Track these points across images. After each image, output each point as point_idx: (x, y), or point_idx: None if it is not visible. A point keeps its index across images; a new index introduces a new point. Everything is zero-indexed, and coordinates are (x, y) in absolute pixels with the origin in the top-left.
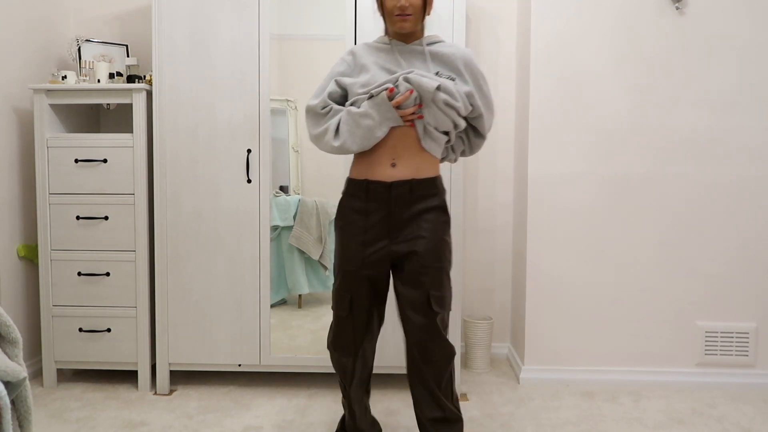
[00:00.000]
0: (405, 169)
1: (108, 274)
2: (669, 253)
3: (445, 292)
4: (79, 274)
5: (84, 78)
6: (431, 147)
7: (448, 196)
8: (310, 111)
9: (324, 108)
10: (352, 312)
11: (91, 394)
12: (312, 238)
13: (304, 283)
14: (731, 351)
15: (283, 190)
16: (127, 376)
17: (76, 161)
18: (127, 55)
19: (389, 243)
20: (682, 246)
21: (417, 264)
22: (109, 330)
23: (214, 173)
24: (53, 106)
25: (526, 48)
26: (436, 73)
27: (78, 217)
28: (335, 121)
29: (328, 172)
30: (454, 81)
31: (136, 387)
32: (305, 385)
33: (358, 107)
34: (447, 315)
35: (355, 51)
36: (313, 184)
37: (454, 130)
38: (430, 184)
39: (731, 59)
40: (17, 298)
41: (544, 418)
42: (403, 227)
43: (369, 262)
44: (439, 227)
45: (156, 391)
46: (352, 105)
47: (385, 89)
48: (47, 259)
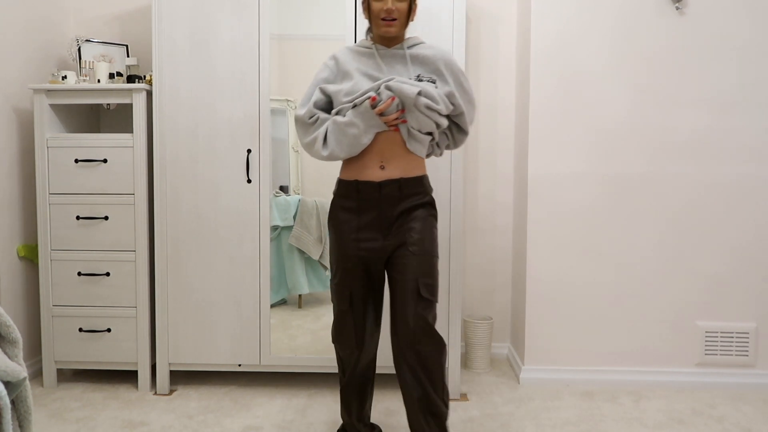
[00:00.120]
0: (393, 170)
1: (108, 274)
2: (669, 253)
3: (434, 281)
4: (79, 274)
5: (84, 78)
6: (416, 148)
7: (448, 196)
8: (298, 121)
9: (311, 118)
10: (352, 306)
11: (91, 394)
12: (312, 238)
13: (304, 283)
14: (731, 351)
15: (283, 190)
16: (127, 376)
17: (76, 161)
18: (127, 55)
19: (382, 239)
20: (682, 246)
21: (408, 252)
22: (109, 330)
23: (214, 173)
24: (53, 106)
25: (526, 48)
26: (417, 75)
27: (78, 217)
28: (323, 130)
29: (328, 172)
30: (434, 82)
31: (136, 387)
32: (305, 385)
33: (344, 116)
34: (435, 306)
35: (338, 56)
36: (313, 184)
37: (437, 130)
38: (418, 183)
39: (731, 59)
40: (17, 298)
41: (544, 418)
42: (394, 223)
43: (364, 258)
44: (428, 221)
45: (156, 391)
46: (337, 113)
47: (368, 98)
48: (47, 259)
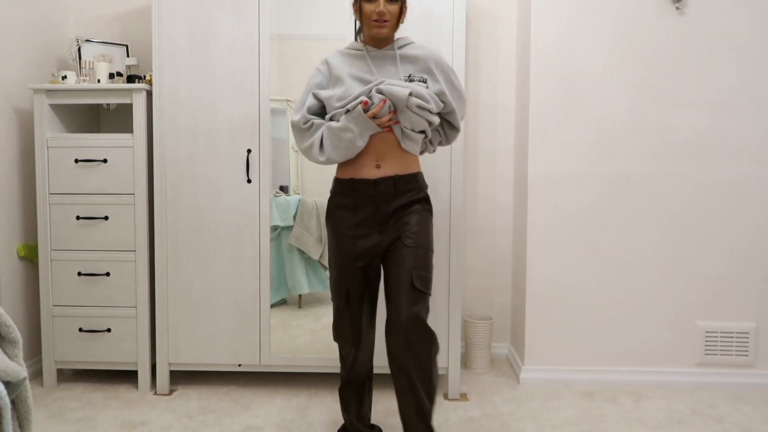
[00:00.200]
0: (389, 169)
1: (108, 274)
2: (669, 253)
3: (429, 274)
4: (79, 274)
5: (84, 78)
6: (410, 146)
7: (448, 196)
8: (293, 126)
9: (306, 123)
10: (348, 303)
11: (91, 394)
12: (312, 238)
13: (304, 283)
14: (731, 351)
15: (283, 190)
16: (127, 376)
17: (76, 161)
18: (127, 55)
19: (378, 235)
20: (682, 246)
21: (403, 245)
22: (109, 330)
23: (214, 173)
24: (53, 106)
25: (526, 48)
26: (408, 75)
27: (78, 217)
28: (318, 136)
29: (328, 172)
30: (425, 81)
31: (136, 387)
32: (305, 385)
33: (337, 121)
34: (428, 298)
35: (329, 61)
36: (313, 184)
37: (429, 127)
38: (412, 180)
39: (731, 59)
40: (17, 298)
41: (544, 418)
42: (389, 219)
43: (361, 254)
44: (424, 215)
45: (156, 391)
46: (331, 119)
47: (360, 102)
48: (47, 259)
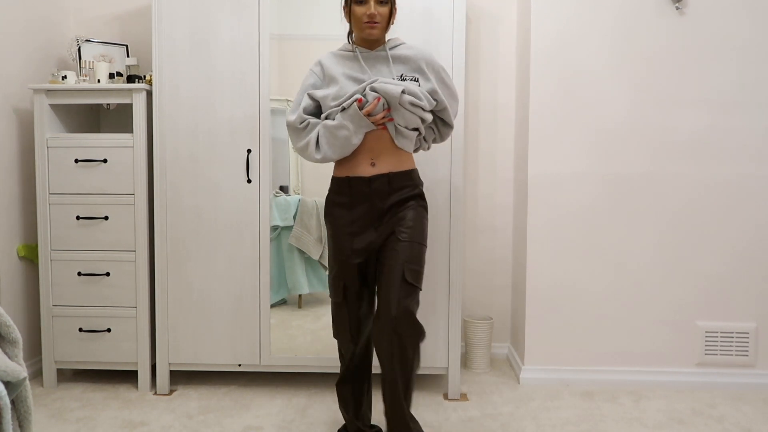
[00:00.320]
0: (383, 166)
1: (108, 274)
2: (669, 253)
3: (420, 269)
4: (79, 274)
5: (84, 78)
6: (404, 144)
7: (448, 196)
8: (289, 126)
9: (302, 123)
10: (345, 298)
11: (91, 394)
12: (312, 238)
13: (304, 283)
14: (731, 351)
15: (283, 190)
16: (127, 376)
17: (76, 161)
18: (127, 55)
19: (374, 231)
20: (682, 246)
21: (397, 239)
22: (109, 330)
23: (214, 173)
24: (53, 106)
25: (526, 48)
26: (401, 75)
27: (78, 217)
28: (314, 135)
29: (327, 173)
30: (417, 80)
31: (136, 387)
32: (305, 385)
33: (333, 119)
34: (418, 293)
35: (323, 62)
36: (313, 184)
37: (423, 125)
38: (407, 177)
39: (731, 59)
40: (17, 298)
41: (544, 418)
42: (384, 216)
43: (357, 250)
44: (419, 211)
45: (156, 391)
46: (326, 117)
47: (355, 100)
48: (47, 259)
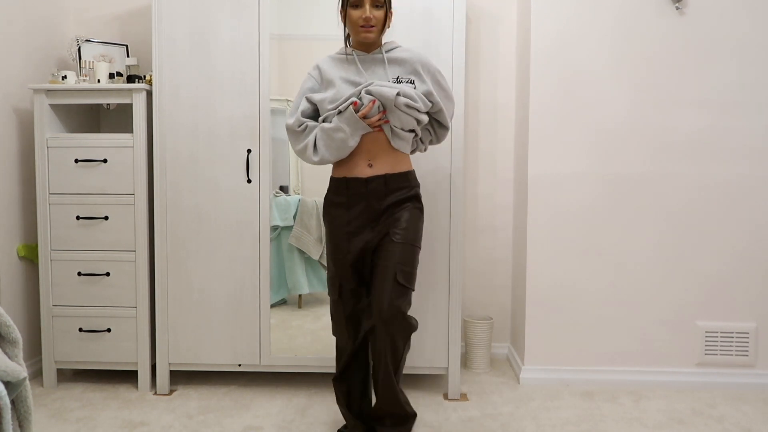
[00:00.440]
0: (380, 167)
1: (108, 274)
2: (669, 253)
3: (412, 270)
4: (79, 274)
5: (84, 78)
6: (400, 145)
7: (448, 196)
8: (288, 129)
9: (300, 126)
10: (341, 297)
11: (91, 394)
12: (312, 238)
13: (304, 283)
14: (731, 351)
15: (283, 190)
16: (127, 376)
17: (76, 161)
18: (127, 55)
19: (370, 231)
20: (682, 246)
21: (391, 240)
22: (109, 330)
23: (214, 173)
24: (53, 106)
25: (526, 48)
26: (397, 77)
27: (78, 217)
28: (312, 137)
29: (327, 173)
30: (413, 83)
31: (136, 387)
32: (305, 385)
33: (330, 122)
34: (410, 293)
35: (321, 66)
36: (313, 184)
37: (418, 126)
38: (403, 178)
39: (731, 59)
40: (17, 298)
41: (544, 418)
42: (381, 216)
43: (354, 249)
44: (414, 213)
45: (156, 391)
46: (324, 120)
47: (351, 103)
48: (47, 259)
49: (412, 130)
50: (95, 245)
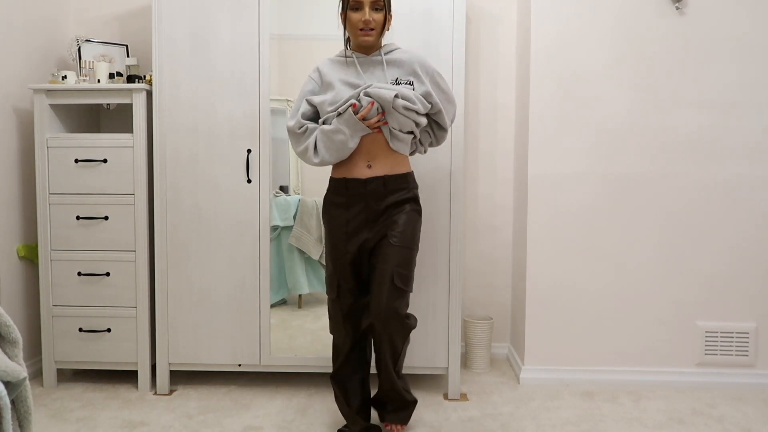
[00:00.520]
0: (379, 169)
1: (108, 274)
2: (669, 253)
3: (409, 273)
4: (79, 274)
5: (84, 78)
6: (399, 147)
7: (448, 196)
8: (289, 131)
9: (300, 128)
10: (339, 295)
11: (91, 394)
12: (312, 238)
13: (304, 283)
14: (731, 351)
15: (283, 190)
16: (127, 376)
17: (76, 161)
18: (127, 55)
19: (368, 232)
20: (681, 246)
21: (389, 243)
22: (109, 330)
23: (214, 173)
24: (53, 106)
25: (526, 48)
26: (396, 79)
27: (78, 217)
28: (312, 139)
29: (327, 173)
30: (411, 84)
31: (136, 387)
32: (305, 385)
33: (330, 124)
34: (407, 295)
35: (320, 68)
36: (313, 184)
37: (417, 128)
38: (402, 180)
39: (731, 59)
40: (17, 298)
41: (544, 418)
42: (379, 217)
43: (352, 249)
44: (412, 215)
45: (156, 391)
46: (324, 122)
47: (350, 105)
48: (47, 259)
49: (411, 132)
50: (95, 245)
